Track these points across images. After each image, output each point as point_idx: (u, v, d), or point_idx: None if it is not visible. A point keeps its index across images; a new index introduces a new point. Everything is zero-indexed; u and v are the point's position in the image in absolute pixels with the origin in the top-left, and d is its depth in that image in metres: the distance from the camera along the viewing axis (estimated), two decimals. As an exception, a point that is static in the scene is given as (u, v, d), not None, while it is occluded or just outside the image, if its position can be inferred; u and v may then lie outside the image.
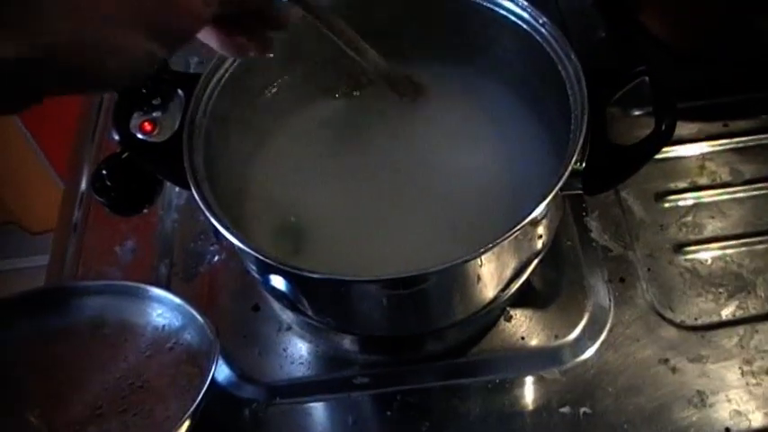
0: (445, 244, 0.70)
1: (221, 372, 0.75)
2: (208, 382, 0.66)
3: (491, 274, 0.65)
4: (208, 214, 0.63)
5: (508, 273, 0.67)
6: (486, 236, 0.59)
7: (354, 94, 0.82)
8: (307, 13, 0.66)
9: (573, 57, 0.68)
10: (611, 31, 0.97)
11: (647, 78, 0.67)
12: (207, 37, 0.58)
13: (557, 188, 0.61)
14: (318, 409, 0.73)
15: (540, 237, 0.67)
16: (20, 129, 1.58)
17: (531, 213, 0.60)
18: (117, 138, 0.69)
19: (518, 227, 0.59)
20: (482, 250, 0.59)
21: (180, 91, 0.71)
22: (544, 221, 0.65)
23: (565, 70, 0.68)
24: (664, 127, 0.64)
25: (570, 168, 0.62)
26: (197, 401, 0.65)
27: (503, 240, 0.59)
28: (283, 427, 0.72)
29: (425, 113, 0.79)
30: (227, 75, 0.72)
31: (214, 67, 0.72)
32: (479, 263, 0.62)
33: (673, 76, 0.78)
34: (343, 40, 0.69)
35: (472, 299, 0.67)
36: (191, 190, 0.65)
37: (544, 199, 0.61)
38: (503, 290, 0.68)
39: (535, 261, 0.69)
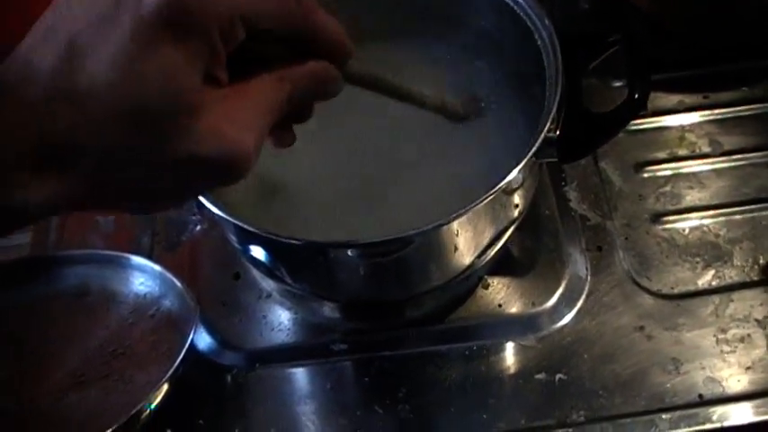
0: (422, 211, 0.70)
1: (203, 340, 0.76)
2: (186, 347, 0.67)
3: (467, 240, 0.65)
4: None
5: (484, 239, 0.67)
6: (462, 203, 0.60)
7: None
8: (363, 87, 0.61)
9: (548, 23, 0.68)
10: (595, 3, 0.97)
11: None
12: None
13: (530, 155, 0.61)
14: (298, 375, 0.74)
15: (517, 205, 0.68)
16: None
17: (504, 179, 0.61)
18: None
19: (491, 192, 0.60)
20: (455, 215, 0.59)
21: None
22: (520, 188, 0.66)
23: (541, 39, 0.68)
24: (637, 95, 0.64)
25: (543, 135, 0.62)
26: (175, 365, 0.66)
27: (476, 205, 0.60)
28: (263, 392, 0.73)
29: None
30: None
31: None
32: (455, 228, 0.62)
33: (652, 47, 0.79)
34: (390, 91, 0.65)
35: (449, 264, 0.68)
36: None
37: (517, 165, 0.61)
38: (479, 256, 0.69)
39: (511, 228, 0.70)
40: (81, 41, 0.38)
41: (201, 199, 0.62)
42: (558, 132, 0.64)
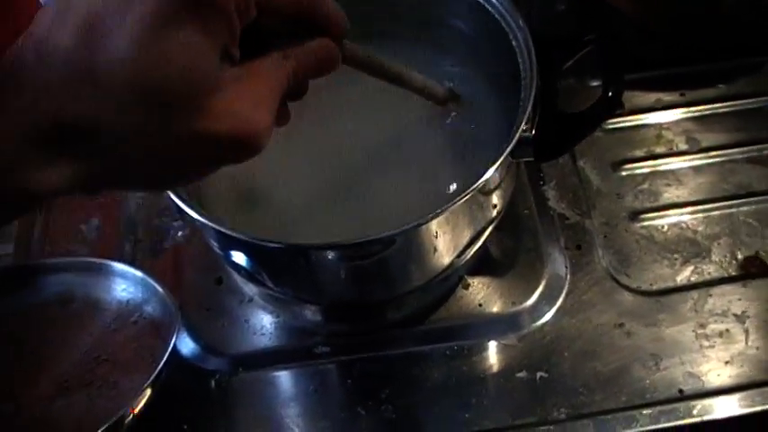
0: (397, 212, 0.70)
1: (186, 345, 0.77)
2: (168, 352, 0.67)
3: (446, 240, 0.66)
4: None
5: (463, 239, 0.68)
6: (439, 204, 0.60)
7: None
8: (356, 68, 0.62)
9: (522, 25, 0.69)
10: (571, 3, 0.98)
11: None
12: None
13: (505, 153, 0.62)
14: (281, 378, 0.74)
15: (495, 205, 0.68)
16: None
17: (480, 178, 0.61)
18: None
19: (468, 191, 0.60)
20: (432, 215, 0.60)
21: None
22: (497, 188, 0.66)
23: (516, 40, 0.69)
24: (611, 93, 0.65)
25: (519, 135, 0.63)
26: (157, 370, 0.66)
27: (453, 204, 0.60)
28: (247, 396, 0.73)
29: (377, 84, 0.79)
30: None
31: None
32: (434, 228, 0.63)
33: (634, 47, 0.79)
34: (390, 76, 0.66)
35: (429, 265, 0.68)
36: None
37: (493, 164, 0.62)
38: (459, 256, 0.69)
39: (490, 228, 0.70)
40: (99, 21, 0.38)
41: (181, 205, 0.63)
42: (533, 132, 0.65)
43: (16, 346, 0.75)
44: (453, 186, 0.72)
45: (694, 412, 0.69)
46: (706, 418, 0.69)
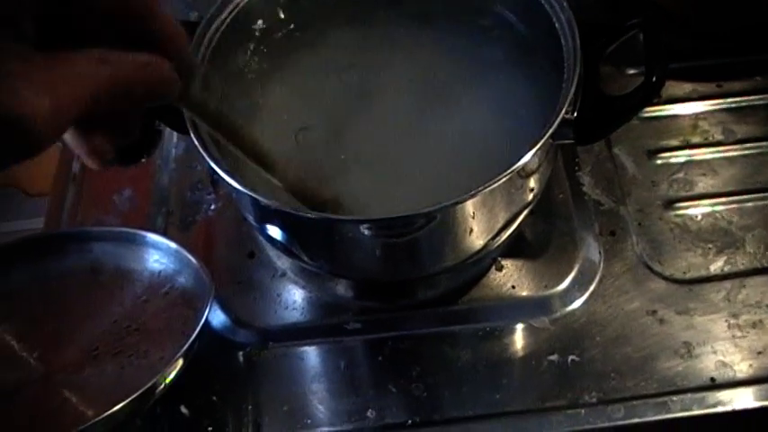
0: (437, 192, 0.70)
1: (217, 317, 0.77)
2: (201, 323, 0.67)
3: (481, 222, 0.65)
4: (204, 155, 0.63)
5: (499, 221, 0.68)
6: (477, 184, 0.60)
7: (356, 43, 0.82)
8: (201, 121, 0.58)
9: (566, 6, 0.68)
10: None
11: (640, 34, 0.68)
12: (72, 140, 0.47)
13: (547, 135, 0.62)
14: (311, 353, 0.74)
15: (532, 189, 0.68)
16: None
17: (520, 159, 0.61)
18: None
19: (508, 171, 0.60)
20: (471, 193, 0.60)
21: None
22: (535, 171, 0.66)
23: (558, 21, 0.69)
24: (654, 78, 0.64)
25: (561, 117, 0.63)
26: (190, 341, 0.66)
27: (493, 184, 0.60)
28: (276, 370, 0.73)
29: (419, 62, 0.80)
30: (227, 21, 0.73)
31: (213, 15, 0.73)
32: (470, 208, 0.63)
33: (667, 36, 0.79)
34: (247, 151, 0.61)
35: (463, 245, 0.68)
36: (189, 135, 0.66)
37: (535, 145, 0.61)
38: (493, 238, 0.69)
39: (525, 211, 0.70)
40: None
41: (221, 172, 0.62)
42: (574, 114, 0.64)
43: (46, 313, 0.76)
44: (492, 169, 0.72)
45: (726, 401, 0.69)
46: (738, 407, 0.68)
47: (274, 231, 0.68)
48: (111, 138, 0.46)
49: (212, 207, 0.84)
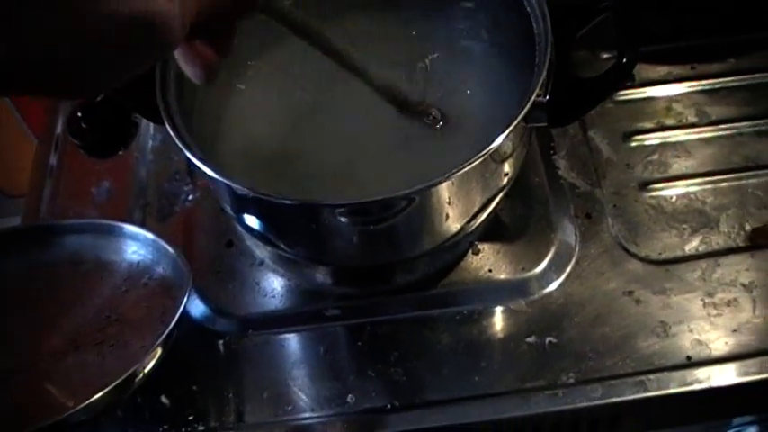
0: (411, 176, 0.71)
1: (196, 307, 0.77)
2: (180, 311, 0.67)
3: (457, 205, 0.66)
4: (181, 146, 0.63)
5: (474, 204, 0.68)
6: (451, 167, 0.61)
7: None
8: (291, 29, 0.63)
9: (537, -10, 0.69)
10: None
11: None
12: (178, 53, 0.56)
13: (519, 118, 0.62)
14: (291, 340, 0.75)
15: (506, 173, 0.69)
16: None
17: (493, 141, 0.61)
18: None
19: (481, 154, 0.61)
20: (445, 176, 0.60)
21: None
22: (509, 155, 0.66)
23: (529, 5, 0.69)
24: (625, 60, 0.65)
25: (533, 100, 0.63)
26: (168, 329, 0.66)
27: (466, 167, 0.60)
28: (256, 357, 0.74)
29: (389, 51, 0.80)
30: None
31: None
32: (444, 191, 0.63)
33: (640, 17, 0.79)
34: (333, 55, 0.67)
35: (439, 229, 0.68)
36: (164, 126, 0.66)
37: (507, 128, 0.62)
38: (469, 222, 0.69)
39: (500, 194, 0.70)
40: None
41: (196, 161, 0.63)
42: (547, 97, 0.65)
43: (28, 304, 0.76)
44: (465, 150, 0.72)
45: (702, 379, 0.69)
46: (713, 384, 0.69)
47: (251, 219, 0.68)
48: (211, 46, 0.55)
49: (190, 198, 0.84)
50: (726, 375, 0.70)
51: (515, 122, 0.62)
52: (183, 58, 0.56)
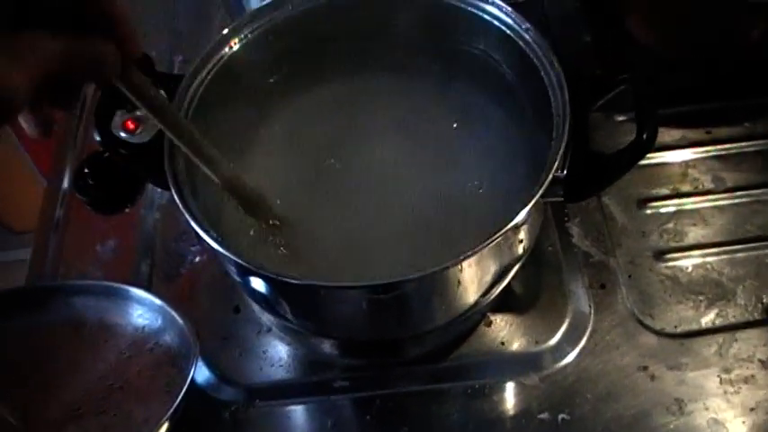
0: (423, 251, 0.70)
1: (201, 373, 0.75)
2: (187, 385, 0.66)
3: (471, 280, 0.65)
4: (188, 218, 0.63)
5: (489, 278, 0.67)
6: (466, 242, 0.59)
7: (341, 95, 0.82)
8: (139, 103, 0.58)
9: (556, 64, 0.68)
10: (596, 37, 0.97)
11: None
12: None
13: (538, 195, 0.61)
14: (298, 412, 0.73)
15: (521, 242, 0.67)
16: (4, 129, 1.56)
17: (512, 220, 0.60)
18: (98, 138, 0.69)
19: (499, 234, 0.59)
20: (462, 257, 0.59)
21: (163, 92, 0.71)
22: (525, 227, 0.65)
23: (547, 77, 0.68)
24: (645, 136, 0.64)
25: (552, 176, 0.62)
26: (176, 404, 0.65)
27: (483, 247, 0.59)
28: (263, 429, 0.72)
29: (403, 119, 0.79)
30: (210, 76, 0.72)
31: (197, 68, 0.72)
32: (460, 269, 0.62)
33: (656, 83, 0.78)
34: (187, 142, 0.63)
35: (452, 305, 0.67)
36: (171, 192, 0.65)
37: (525, 206, 0.60)
38: (483, 295, 0.68)
39: (516, 266, 0.69)
40: None
41: (202, 233, 0.61)
42: (564, 172, 0.64)
43: (27, 370, 0.74)
44: (480, 224, 0.71)
45: (719, 461, 0.68)
46: (730, 467, 0.68)
47: (257, 290, 0.66)
48: (55, 108, 0.54)
49: (197, 259, 0.83)
50: (743, 457, 0.68)
51: (534, 199, 0.61)
52: (25, 118, 0.54)
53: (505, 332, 0.76)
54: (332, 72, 0.81)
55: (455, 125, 0.78)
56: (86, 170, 0.86)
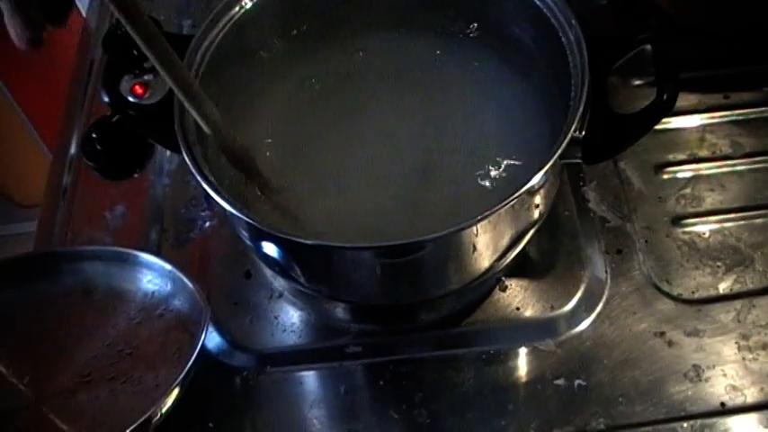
0: (439, 212, 0.69)
1: (212, 339, 0.75)
2: (197, 350, 0.65)
3: (487, 243, 0.64)
4: (198, 178, 0.62)
5: (504, 242, 0.66)
6: (481, 204, 0.58)
7: (353, 57, 0.81)
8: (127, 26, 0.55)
9: (574, 23, 0.66)
10: (614, 1, 0.95)
11: (648, 47, 0.66)
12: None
13: (556, 156, 0.60)
14: (310, 378, 0.72)
15: (538, 206, 0.66)
16: (8, 100, 1.55)
17: (529, 181, 0.59)
18: (106, 100, 0.68)
19: (515, 195, 0.58)
20: (479, 218, 0.58)
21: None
22: (542, 191, 0.64)
23: (566, 37, 0.67)
24: (665, 96, 0.62)
25: (570, 136, 0.61)
26: (186, 369, 0.64)
27: (500, 208, 0.58)
28: (274, 395, 0.71)
29: (421, 79, 0.78)
30: (219, 36, 0.71)
31: (206, 28, 0.71)
32: (475, 231, 0.61)
33: (674, 46, 0.77)
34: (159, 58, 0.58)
35: (467, 268, 0.66)
36: (182, 153, 0.64)
37: (543, 167, 0.59)
38: (498, 259, 0.67)
39: (532, 231, 0.68)
40: None
41: (214, 195, 0.61)
42: (583, 133, 0.62)
43: (36, 336, 0.73)
44: (497, 186, 0.70)
45: (736, 427, 0.67)
46: (749, 433, 0.67)
47: (269, 255, 0.65)
48: (43, 14, 0.54)
49: (207, 224, 0.82)
50: (761, 425, 0.67)
51: (552, 160, 0.60)
52: (12, 22, 0.55)
53: (520, 297, 0.75)
54: (342, 31, 0.79)
55: (470, 88, 0.77)
56: (94, 135, 0.85)
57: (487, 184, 0.70)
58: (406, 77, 0.78)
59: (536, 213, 0.67)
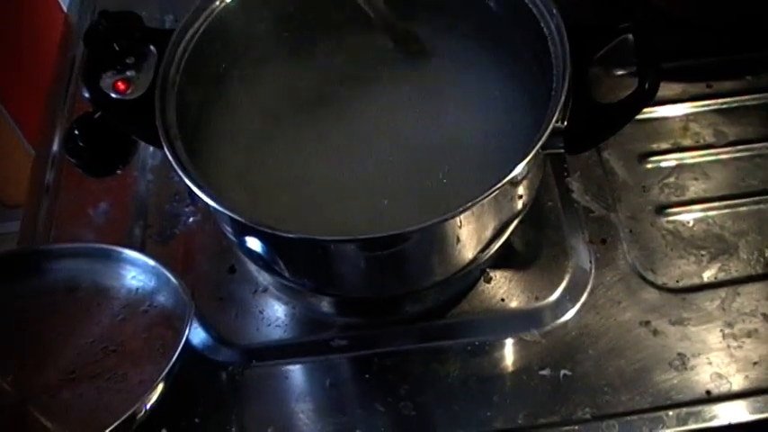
0: (421, 204, 0.68)
1: (197, 335, 0.74)
2: (181, 345, 0.65)
3: (470, 235, 0.64)
4: (180, 173, 0.61)
5: (488, 233, 0.66)
6: (464, 196, 0.58)
7: (333, 51, 0.80)
8: None
9: (555, 12, 0.66)
10: (595, -10, 0.95)
11: (630, 36, 0.66)
12: None
13: (537, 146, 0.60)
14: (296, 372, 0.72)
15: (521, 197, 0.66)
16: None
17: (511, 172, 0.59)
18: (87, 96, 0.67)
19: (498, 185, 0.58)
20: (461, 209, 0.58)
21: (153, 48, 0.70)
22: (525, 181, 0.64)
23: (547, 27, 0.67)
24: (647, 85, 0.62)
25: (552, 126, 0.61)
26: (170, 365, 0.64)
27: (482, 199, 0.58)
28: (260, 389, 0.71)
29: (402, 70, 0.78)
30: (200, 30, 0.71)
31: (188, 22, 0.71)
32: (458, 223, 0.61)
33: (657, 35, 0.77)
34: None
35: (451, 259, 0.66)
36: (163, 149, 0.63)
37: (525, 157, 0.59)
38: (482, 250, 0.67)
39: (515, 221, 0.68)
40: None
41: (196, 190, 0.60)
42: (565, 123, 0.62)
43: (20, 334, 0.73)
44: (478, 178, 0.70)
45: (722, 414, 0.67)
46: (734, 420, 0.67)
47: (254, 248, 0.65)
48: None
49: (191, 219, 0.82)
50: (746, 411, 0.67)
51: (534, 150, 0.60)
52: None
53: (505, 288, 0.75)
54: (326, 22, 0.79)
55: (452, 78, 0.77)
56: (76, 132, 0.85)
57: (470, 174, 0.70)
58: (390, 67, 0.78)
59: (519, 204, 0.67)
